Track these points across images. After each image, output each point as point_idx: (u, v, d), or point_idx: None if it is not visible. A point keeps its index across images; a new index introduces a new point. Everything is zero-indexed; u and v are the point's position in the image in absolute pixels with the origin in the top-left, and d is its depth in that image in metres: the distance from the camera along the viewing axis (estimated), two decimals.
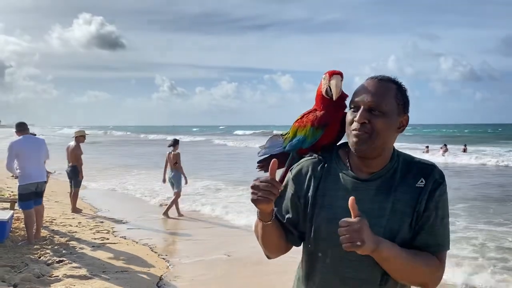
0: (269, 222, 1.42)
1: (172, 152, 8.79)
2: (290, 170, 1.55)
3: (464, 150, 26.57)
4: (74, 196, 8.86)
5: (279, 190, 1.35)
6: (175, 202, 8.67)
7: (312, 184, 1.47)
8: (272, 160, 1.37)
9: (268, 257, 1.57)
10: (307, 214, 1.47)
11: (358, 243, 1.23)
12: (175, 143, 8.98)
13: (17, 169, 6.21)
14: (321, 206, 1.44)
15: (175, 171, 8.74)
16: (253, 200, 1.35)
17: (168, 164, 8.86)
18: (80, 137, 9.10)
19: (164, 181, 8.98)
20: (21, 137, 6.30)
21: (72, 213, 8.54)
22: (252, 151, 27.80)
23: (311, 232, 1.46)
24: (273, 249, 1.53)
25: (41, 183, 6.36)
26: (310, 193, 1.46)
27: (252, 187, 1.35)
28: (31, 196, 6.20)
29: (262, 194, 1.33)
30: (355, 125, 1.37)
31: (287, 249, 1.55)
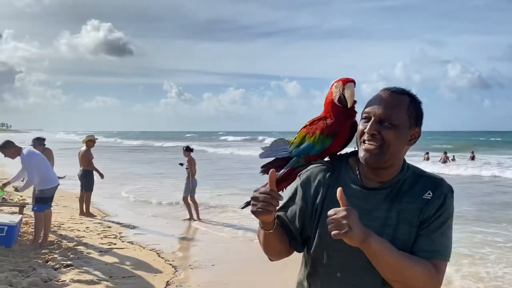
0: (270, 231, 1.42)
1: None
2: (299, 176, 1.54)
3: (472, 158, 25.99)
4: (86, 200, 8.96)
5: (279, 201, 1.35)
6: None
7: (320, 190, 1.47)
8: (271, 171, 1.38)
9: (271, 260, 1.58)
10: (313, 220, 1.47)
11: (345, 229, 1.21)
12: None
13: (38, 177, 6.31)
14: (326, 213, 1.41)
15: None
16: (253, 212, 1.35)
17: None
18: (89, 142, 9.25)
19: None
20: (28, 149, 6.38)
21: (80, 218, 8.60)
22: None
23: (315, 237, 1.46)
24: (275, 254, 1.54)
25: (57, 187, 6.58)
26: (318, 200, 1.46)
27: (252, 199, 1.35)
28: (49, 200, 6.42)
29: (261, 206, 1.33)
30: (365, 136, 1.38)
31: (289, 254, 1.56)
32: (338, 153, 1.57)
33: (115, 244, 6.68)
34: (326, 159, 1.57)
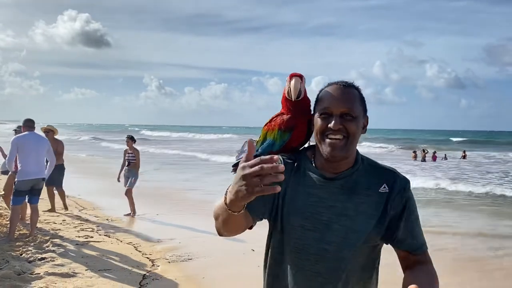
0: (241, 212, 1.26)
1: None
2: None
3: (464, 157, 26.22)
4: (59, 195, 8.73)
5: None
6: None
7: (284, 177, 1.49)
8: (249, 140, 1.26)
9: (221, 235, 1.46)
10: (274, 205, 1.50)
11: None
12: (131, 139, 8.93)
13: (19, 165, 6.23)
14: (287, 200, 1.49)
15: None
16: (248, 192, 1.10)
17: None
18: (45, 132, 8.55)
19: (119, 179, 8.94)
20: (25, 132, 6.36)
21: (56, 210, 8.46)
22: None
23: (276, 224, 1.52)
24: (232, 230, 1.43)
25: (38, 180, 6.36)
26: (283, 184, 1.48)
27: (245, 177, 1.10)
28: (24, 193, 6.26)
29: (266, 181, 1.08)
30: (330, 131, 1.43)
31: (244, 230, 1.47)
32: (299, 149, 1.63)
33: (91, 237, 6.61)
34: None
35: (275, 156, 1.09)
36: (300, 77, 1.53)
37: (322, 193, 1.46)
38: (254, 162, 1.09)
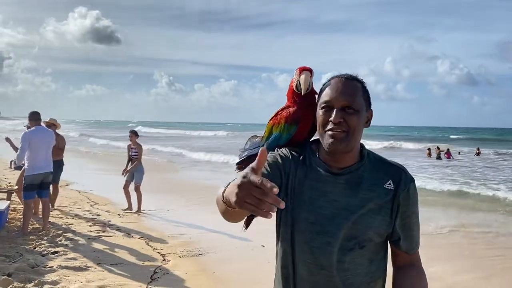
0: (236, 209, 1.14)
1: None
2: (276, 150, 1.59)
3: (478, 154, 25.99)
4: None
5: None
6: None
7: (291, 168, 1.51)
8: (261, 150, 1.08)
9: (226, 220, 1.41)
10: (280, 196, 1.48)
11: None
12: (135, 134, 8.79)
13: (26, 160, 6.31)
14: (294, 192, 1.49)
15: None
16: (240, 204, 1.03)
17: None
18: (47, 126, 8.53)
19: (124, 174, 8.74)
20: (33, 128, 6.48)
21: (69, 205, 8.55)
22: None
23: (281, 216, 1.51)
24: (231, 219, 1.39)
25: (47, 174, 6.50)
26: (290, 176, 1.50)
27: (240, 187, 1.03)
28: (35, 187, 6.35)
29: (253, 203, 1.00)
30: (330, 125, 1.42)
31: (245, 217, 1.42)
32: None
33: (103, 232, 6.69)
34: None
35: (276, 189, 0.97)
36: (310, 71, 1.54)
37: (327, 187, 1.45)
38: (255, 179, 1.00)
